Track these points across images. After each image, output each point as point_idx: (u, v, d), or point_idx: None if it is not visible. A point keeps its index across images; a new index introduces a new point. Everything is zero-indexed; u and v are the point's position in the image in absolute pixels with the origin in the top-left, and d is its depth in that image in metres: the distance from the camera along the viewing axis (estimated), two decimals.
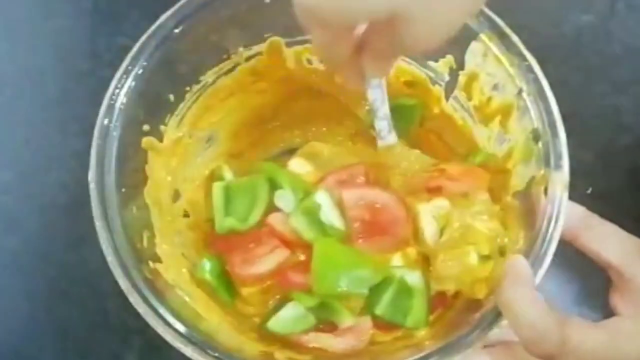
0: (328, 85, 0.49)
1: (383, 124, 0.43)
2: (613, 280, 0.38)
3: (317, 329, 0.44)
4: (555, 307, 0.35)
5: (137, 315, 0.37)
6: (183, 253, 0.45)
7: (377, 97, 0.41)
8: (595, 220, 0.39)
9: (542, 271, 0.37)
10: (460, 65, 0.44)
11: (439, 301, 0.44)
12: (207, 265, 0.45)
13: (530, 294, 0.35)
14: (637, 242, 0.38)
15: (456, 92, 0.46)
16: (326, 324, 0.44)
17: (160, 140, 0.44)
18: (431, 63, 0.46)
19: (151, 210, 0.43)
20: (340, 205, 0.44)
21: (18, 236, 0.54)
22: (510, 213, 0.42)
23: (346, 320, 0.43)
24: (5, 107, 0.57)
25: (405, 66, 0.47)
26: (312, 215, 0.43)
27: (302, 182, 0.46)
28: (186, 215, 0.48)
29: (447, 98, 0.47)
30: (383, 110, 0.42)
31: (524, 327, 0.34)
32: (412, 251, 0.44)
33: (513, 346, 0.38)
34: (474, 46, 0.42)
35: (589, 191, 0.53)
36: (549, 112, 0.40)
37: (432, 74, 0.47)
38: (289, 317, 0.43)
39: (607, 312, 0.39)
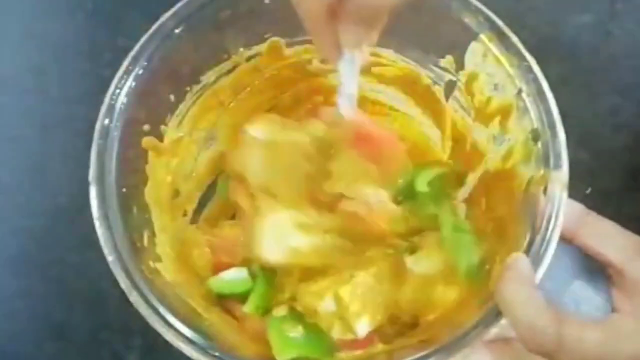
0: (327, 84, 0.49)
1: (345, 102, 0.41)
2: (612, 278, 0.38)
3: None
4: (554, 304, 0.35)
5: (138, 315, 0.37)
6: (183, 252, 0.45)
7: (347, 72, 0.40)
8: (593, 218, 0.39)
9: (541, 271, 0.37)
10: (460, 65, 0.44)
11: None
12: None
13: (529, 291, 0.35)
14: (635, 240, 0.38)
15: (456, 92, 0.46)
16: None
17: (161, 140, 0.44)
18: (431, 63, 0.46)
19: (151, 210, 0.43)
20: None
21: (17, 236, 0.54)
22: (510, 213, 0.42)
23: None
24: (4, 107, 0.57)
25: (405, 66, 0.47)
26: None
27: None
28: (186, 214, 0.48)
29: (447, 98, 0.47)
30: (350, 89, 0.41)
31: (522, 324, 0.34)
32: None
33: (512, 343, 0.39)
34: (474, 46, 0.42)
35: (588, 191, 0.53)
36: (548, 113, 0.40)
37: (432, 74, 0.47)
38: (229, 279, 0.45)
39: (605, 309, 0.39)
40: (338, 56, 0.39)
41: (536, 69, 0.40)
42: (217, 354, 0.37)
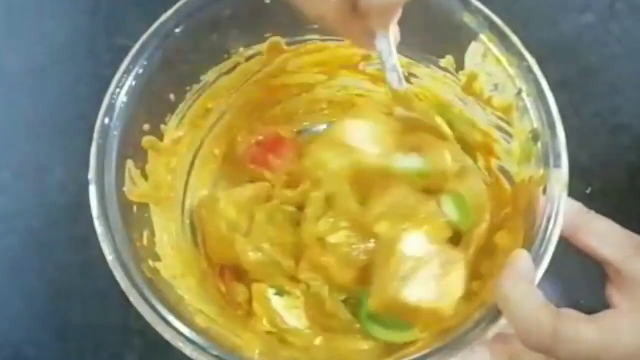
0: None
1: (392, 75, 0.43)
2: (609, 276, 0.38)
3: None
4: (552, 302, 0.35)
5: (137, 315, 0.37)
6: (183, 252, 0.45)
7: (384, 48, 0.41)
8: (591, 216, 0.39)
9: (541, 270, 0.37)
10: (460, 65, 0.44)
11: None
12: None
13: (527, 287, 0.35)
14: (633, 238, 0.38)
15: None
16: None
17: (161, 139, 0.44)
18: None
19: (151, 210, 0.43)
20: None
21: (18, 236, 0.54)
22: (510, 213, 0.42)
23: None
24: (4, 107, 0.57)
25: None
26: None
27: None
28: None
29: None
30: (391, 61, 0.42)
31: (519, 319, 0.34)
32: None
33: (510, 339, 0.39)
34: (474, 46, 0.42)
35: (588, 191, 0.53)
36: (548, 113, 0.40)
37: None
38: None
39: (605, 308, 0.39)
40: (370, 42, 0.41)
41: (536, 69, 0.40)
42: (217, 354, 0.37)
